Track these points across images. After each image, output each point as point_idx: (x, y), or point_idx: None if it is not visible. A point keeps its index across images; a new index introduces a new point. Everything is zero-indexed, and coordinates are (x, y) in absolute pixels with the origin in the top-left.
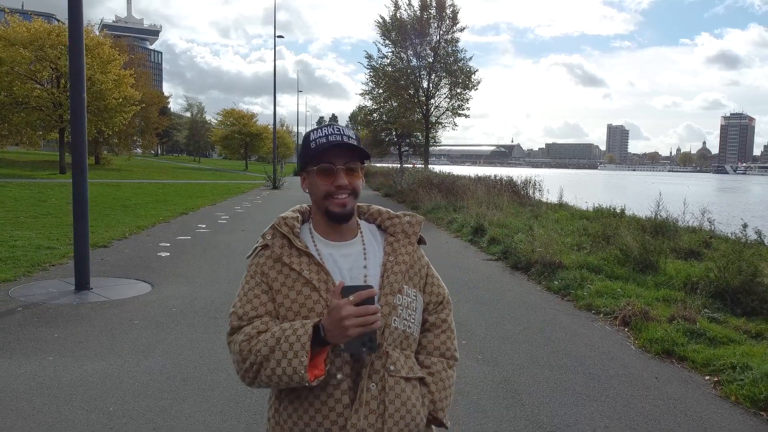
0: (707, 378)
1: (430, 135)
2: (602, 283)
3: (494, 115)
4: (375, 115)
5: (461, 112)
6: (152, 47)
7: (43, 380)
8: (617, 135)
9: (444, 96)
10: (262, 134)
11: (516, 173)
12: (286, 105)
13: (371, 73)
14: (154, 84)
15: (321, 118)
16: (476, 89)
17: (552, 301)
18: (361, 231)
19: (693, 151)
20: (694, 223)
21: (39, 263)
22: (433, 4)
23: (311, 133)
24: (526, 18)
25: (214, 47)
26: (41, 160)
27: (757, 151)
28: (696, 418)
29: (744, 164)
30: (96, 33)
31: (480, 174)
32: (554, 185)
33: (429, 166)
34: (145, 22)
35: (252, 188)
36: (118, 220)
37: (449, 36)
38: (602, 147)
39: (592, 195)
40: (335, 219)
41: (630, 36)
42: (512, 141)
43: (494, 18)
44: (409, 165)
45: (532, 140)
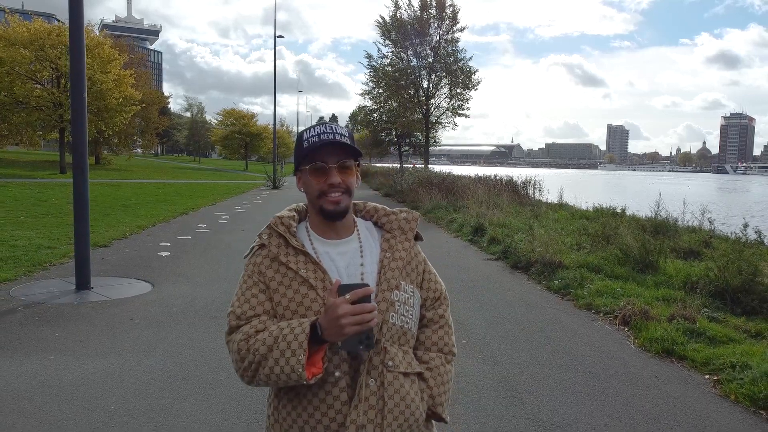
0: (707, 377)
1: (430, 135)
2: (602, 283)
3: (494, 115)
4: (375, 115)
5: (461, 112)
6: (152, 47)
7: (45, 379)
8: (617, 135)
9: (444, 96)
10: (262, 134)
11: (516, 173)
12: (286, 105)
13: (371, 73)
14: (154, 84)
15: (321, 118)
16: (476, 89)
17: (552, 301)
18: (358, 228)
19: (693, 151)
20: (694, 223)
21: (40, 263)
22: (433, 4)
23: (304, 133)
24: (526, 18)
25: (214, 47)
26: (41, 160)
27: (757, 151)
28: (695, 417)
29: (744, 164)
30: (96, 33)
31: (480, 174)
32: (554, 185)
33: (429, 166)
34: (145, 22)
35: (252, 188)
36: (119, 220)
37: (449, 36)
38: (602, 147)
39: (592, 195)
40: (329, 217)
41: (630, 36)
42: (512, 141)
43: (494, 18)
44: (409, 165)
45: (532, 140)
